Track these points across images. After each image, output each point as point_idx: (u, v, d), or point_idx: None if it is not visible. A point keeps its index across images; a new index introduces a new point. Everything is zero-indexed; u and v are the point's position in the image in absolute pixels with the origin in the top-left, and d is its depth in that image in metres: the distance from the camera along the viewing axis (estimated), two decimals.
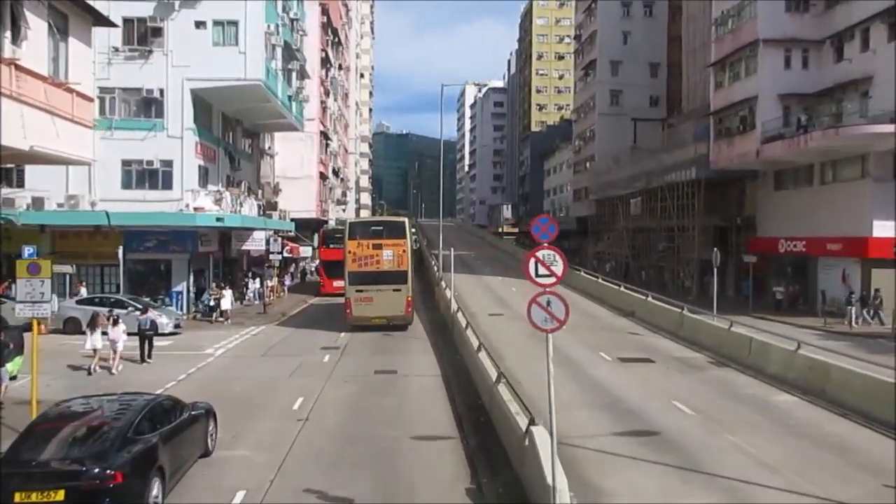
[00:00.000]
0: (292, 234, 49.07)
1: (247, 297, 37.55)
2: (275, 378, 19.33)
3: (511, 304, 35.18)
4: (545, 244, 10.24)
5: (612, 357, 22.55)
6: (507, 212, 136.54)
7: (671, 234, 48.34)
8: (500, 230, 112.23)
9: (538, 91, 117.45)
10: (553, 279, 9.94)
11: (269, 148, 48.04)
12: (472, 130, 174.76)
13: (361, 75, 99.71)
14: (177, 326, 26.84)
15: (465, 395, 17.06)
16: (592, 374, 20.08)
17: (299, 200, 50.68)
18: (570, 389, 17.56)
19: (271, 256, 35.77)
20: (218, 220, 29.26)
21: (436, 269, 43.78)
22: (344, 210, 70.89)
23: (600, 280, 41.16)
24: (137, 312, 23.50)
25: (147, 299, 28.49)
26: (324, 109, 55.01)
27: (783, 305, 36.24)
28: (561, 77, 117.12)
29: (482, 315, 31.17)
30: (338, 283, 42.43)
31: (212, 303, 30.45)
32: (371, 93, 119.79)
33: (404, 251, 28.35)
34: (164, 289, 31.14)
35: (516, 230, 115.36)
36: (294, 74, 39.78)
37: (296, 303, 39.18)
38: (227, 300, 30.46)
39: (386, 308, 27.88)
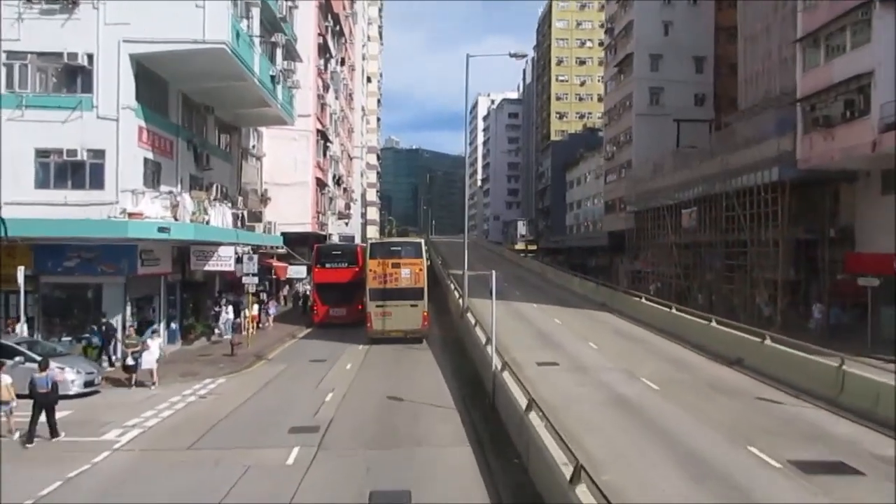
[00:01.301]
0: (282, 250, 41.02)
1: (217, 332, 29.41)
2: None
3: (563, 345, 27.28)
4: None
5: (777, 458, 13.33)
6: (522, 228, 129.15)
7: (735, 250, 39.97)
8: (515, 247, 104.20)
9: (558, 98, 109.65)
10: None
11: (255, 147, 40.12)
12: (485, 143, 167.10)
13: (369, 80, 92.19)
14: (89, 384, 18.67)
15: None
16: None
17: (292, 211, 42.66)
18: None
19: (244, 280, 27.58)
20: (161, 230, 21.12)
21: (457, 295, 35.57)
22: (347, 224, 62.86)
23: (675, 311, 31.92)
24: (31, 365, 15.47)
25: (65, 340, 20.42)
26: (322, 106, 47.19)
27: None
28: (582, 83, 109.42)
29: (528, 364, 23.00)
30: (336, 312, 34.51)
31: (129, 360, 20.74)
32: (379, 101, 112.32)
33: (420, 269, 30.38)
34: (92, 323, 22.98)
35: (534, 247, 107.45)
36: (279, 51, 31.91)
37: (279, 338, 30.99)
38: (151, 353, 20.77)
39: (403, 322, 29.72)
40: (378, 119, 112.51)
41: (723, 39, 58.82)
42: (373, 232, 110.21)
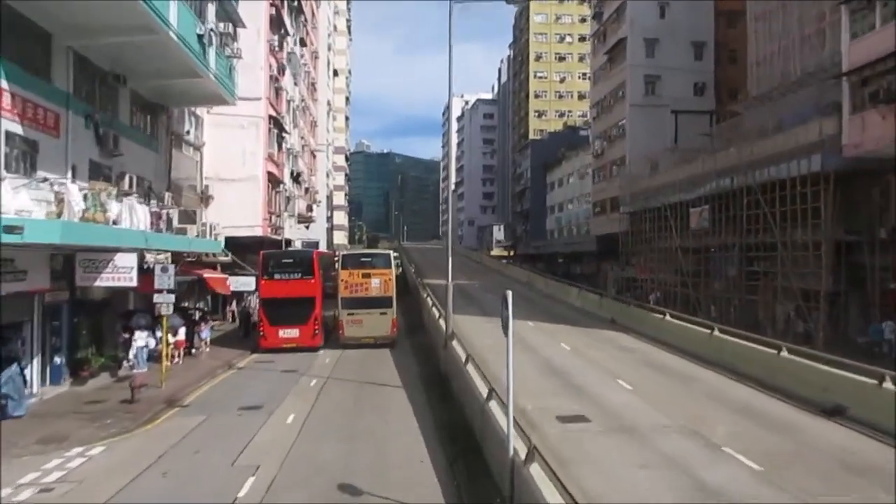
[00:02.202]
0: (225, 257, 34.34)
1: (127, 364, 22.65)
2: None
3: (586, 385, 20.29)
4: None
5: None
6: (498, 233, 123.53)
7: (758, 255, 34.31)
8: (493, 253, 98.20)
9: (537, 96, 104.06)
10: None
11: (191, 134, 33.41)
12: (459, 145, 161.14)
13: (335, 73, 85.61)
14: None
15: None
16: None
17: (239, 212, 36.01)
18: None
19: (156, 298, 20.88)
20: (8, 230, 14.40)
21: (436, 313, 29.23)
22: (308, 227, 56.14)
23: (718, 333, 24.61)
24: None
25: None
26: (277, 91, 40.62)
27: None
28: (562, 80, 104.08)
29: (545, 419, 16.15)
30: (287, 333, 28.04)
31: None
32: (348, 98, 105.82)
33: (389, 279, 31.58)
34: None
35: (510, 253, 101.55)
36: (212, 6, 25.40)
37: (210, 370, 24.28)
38: None
39: (374, 329, 30.68)
40: (347, 118, 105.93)
41: (723, 25, 53.59)
42: (340, 238, 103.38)
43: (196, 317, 29.54)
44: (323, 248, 70.92)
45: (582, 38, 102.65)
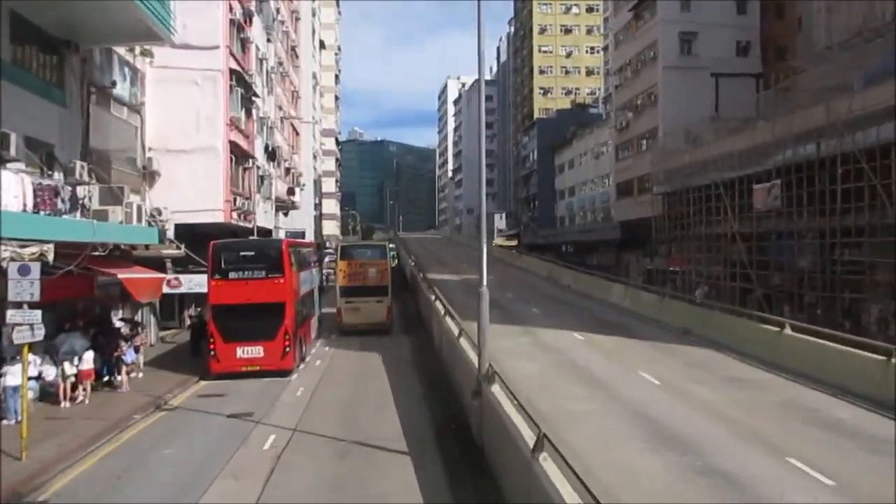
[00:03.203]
0: (175, 250, 26.75)
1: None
2: None
3: (740, 475, 11.45)
4: None
5: None
6: (500, 221, 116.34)
7: (855, 241, 26.89)
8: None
9: (541, 72, 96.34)
10: None
11: (124, 89, 25.62)
12: (456, 130, 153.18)
13: (322, 45, 77.68)
14: None
15: None
16: None
17: (193, 192, 28.44)
18: None
19: (10, 317, 13.23)
20: None
21: (451, 327, 21.19)
22: (286, 214, 48.51)
23: None
24: None
25: None
26: (243, 43, 32.83)
27: None
28: (569, 55, 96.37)
29: None
30: (246, 352, 20.39)
31: None
32: (338, 76, 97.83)
33: (385, 269, 33.10)
34: None
35: (514, 243, 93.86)
36: None
37: (119, 418, 16.49)
38: None
39: (370, 316, 31.84)
40: (337, 98, 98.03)
41: None
42: (332, 228, 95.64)
43: (124, 332, 21.90)
44: (310, 238, 63.29)
45: (590, 9, 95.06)
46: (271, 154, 38.33)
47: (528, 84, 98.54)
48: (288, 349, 21.69)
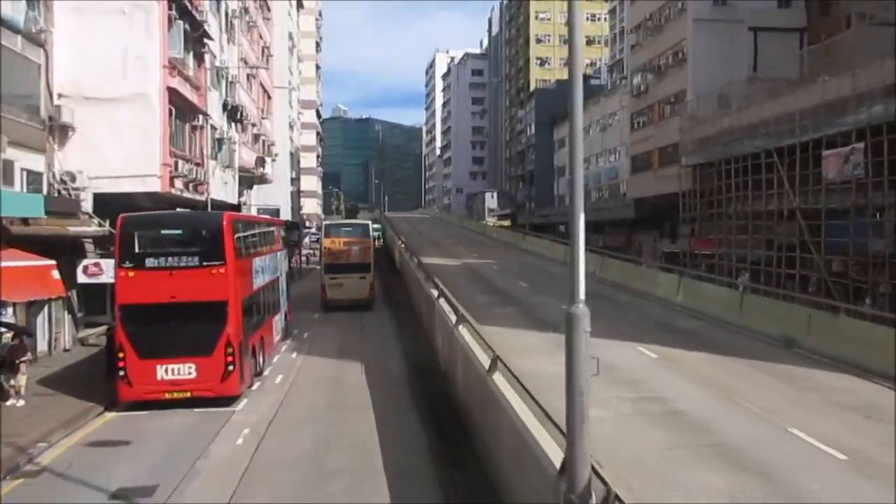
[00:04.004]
0: (99, 229, 20.33)
1: None
2: None
3: None
4: None
5: None
6: (491, 200, 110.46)
7: None
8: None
9: (538, 41, 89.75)
10: None
11: (22, 14, 18.88)
12: (445, 106, 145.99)
13: (301, 5, 70.52)
14: None
15: None
16: None
17: (117, 152, 21.94)
18: None
19: None
20: None
21: (472, 347, 13.52)
22: (250, 188, 41.92)
23: None
24: None
25: None
26: None
27: None
28: (568, 22, 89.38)
29: None
30: (171, 373, 13.74)
31: None
32: (318, 44, 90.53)
33: (368, 247, 34.13)
34: None
35: (507, 223, 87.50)
36: None
37: None
38: None
39: (353, 292, 32.34)
40: (318, 68, 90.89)
41: None
42: (312, 207, 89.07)
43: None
44: (288, 216, 56.77)
45: None
46: (232, 113, 31.74)
47: (523, 54, 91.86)
48: (231, 367, 15.34)
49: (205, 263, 15.35)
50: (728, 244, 34.86)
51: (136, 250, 15.18)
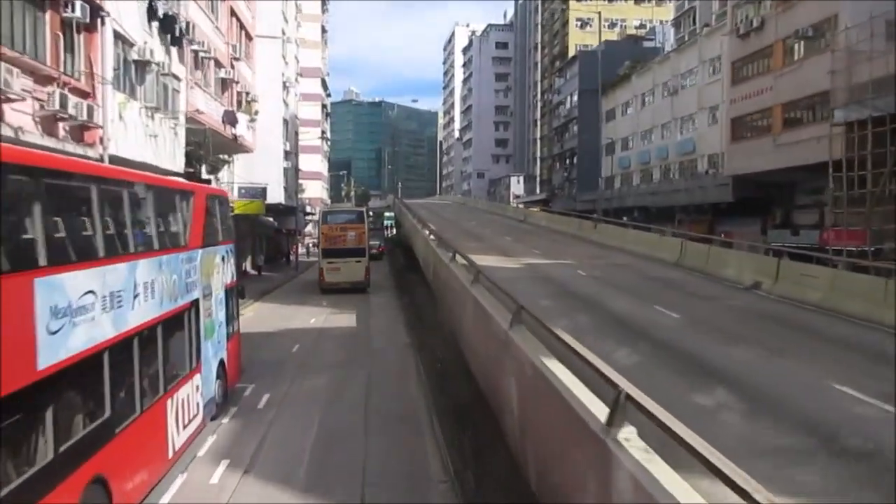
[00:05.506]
0: None
1: None
2: None
3: None
4: None
5: None
6: (517, 186, 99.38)
7: None
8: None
9: None
10: None
11: None
12: (465, 83, 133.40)
13: None
14: None
15: None
16: None
17: None
18: None
19: None
20: None
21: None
22: (229, 165, 30.39)
23: None
24: None
25: None
26: None
27: None
28: None
29: None
30: None
31: None
32: (324, 5, 78.72)
33: (363, 233, 36.76)
34: None
35: (535, 209, 75.39)
36: None
37: None
38: None
39: (349, 275, 35.17)
40: (324, 31, 79.20)
41: None
42: (317, 190, 77.56)
43: None
44: (280, 199, 45.32)
45: None
46: (167, 24, 19.99)
47: (561, 16, 79.55)
48: None
49: None
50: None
51: None
